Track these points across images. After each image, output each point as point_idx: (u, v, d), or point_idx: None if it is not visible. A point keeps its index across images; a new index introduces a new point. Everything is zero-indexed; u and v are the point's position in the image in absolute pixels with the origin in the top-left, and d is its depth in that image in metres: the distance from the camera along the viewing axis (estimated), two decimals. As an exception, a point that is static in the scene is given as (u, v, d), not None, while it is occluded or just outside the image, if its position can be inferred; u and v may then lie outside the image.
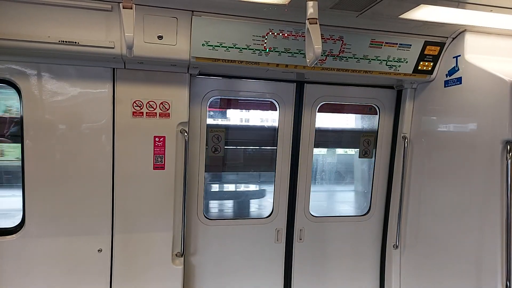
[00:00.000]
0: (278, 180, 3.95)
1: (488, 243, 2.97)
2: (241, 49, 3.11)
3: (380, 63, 3.41)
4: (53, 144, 3.14)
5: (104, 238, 3.33)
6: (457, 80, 3.31)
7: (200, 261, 3.84)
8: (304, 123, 3.89)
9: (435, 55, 3.46)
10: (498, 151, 2.86)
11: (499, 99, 2.87)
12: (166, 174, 3.38)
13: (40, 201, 3.17)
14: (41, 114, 3.09)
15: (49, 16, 2.74)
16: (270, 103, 3.95)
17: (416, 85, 3.81)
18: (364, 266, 4.29)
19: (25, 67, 3.02)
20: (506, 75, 2.86)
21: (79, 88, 3.13)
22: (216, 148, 3.84)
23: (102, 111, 3.19)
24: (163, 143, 3.34)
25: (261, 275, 4.04)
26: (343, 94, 3.99)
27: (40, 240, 3.21)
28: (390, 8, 2.82)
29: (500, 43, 3.28)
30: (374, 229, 4.25)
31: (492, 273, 2.94)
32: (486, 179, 2.98)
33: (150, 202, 3.40)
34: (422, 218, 3.74)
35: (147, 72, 3.24)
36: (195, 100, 3.56)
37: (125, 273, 3.42)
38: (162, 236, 3.46)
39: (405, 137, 3.87)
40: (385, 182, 4.19)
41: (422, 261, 3.72)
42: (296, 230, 4.05)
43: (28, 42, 2.74)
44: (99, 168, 3.24)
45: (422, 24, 3.12)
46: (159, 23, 2.91)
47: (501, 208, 2.86)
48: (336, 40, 3.20)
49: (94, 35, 2.85)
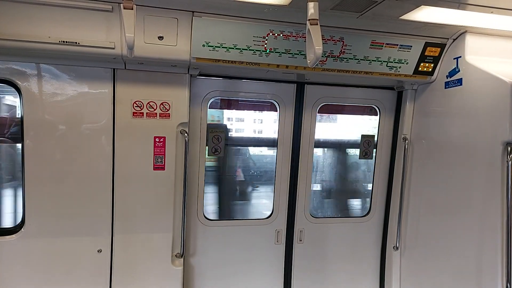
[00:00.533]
0: (278, 181, 3.94)
1: (489, 245, 2.97)
2: (242, 49, 3.11)
3: (380, 64, 3.41)
4: (53, 144, 3.14)
5: (104, 238, 3.33)
6: (457, 82, 3.31)
7: (200, 262, 3.83)
8: (304, 124, 3.89)
9: (435, 56, 3.46)
10: (498, 153, 2.86)
11: (500, 101, 2.86)
12: (166, 175, 3.37)
13: (40, 202, 3.17)
14: (42, 114, 3.09)
15: (50, 16, 2.74)
16: (270, 103, 3.95)
17: (416, 86, 3.81)
18: (364, 268, 4.28)
19: (25, 67, 3.02)
20: (507, 77, 2.86)
21: (79, 89, 3.13)
22: (216, 148, 3.83)
23: (102, 111, 3.19)
24: (163, 144, 3.33)
25: (261, 276, 4.03)
26: (343, 95, 3.99)
27: (40, 240, 3.21)
28: (390, 9, 2.82)
29: (500, 44, 3.28)
30: (374, 230, 4.24)
31: (492, 275, 2.93)
32: (487, 180, 2.98)
33: (150, 203, 3.40)
34: (422, 219, 3.73)
35: (147, 72, 3.23)
36: (195, 101, 3.56)
37: (124, 274, 3.42)
38: (162, 237, 3.46)
39: (406, 139, 3.87)
40: (386, 183, 4.19)
41: (423, 262, 3.72)
42: (296, 231, 4.05)
43: (29, 42, 2.74)
44: (99, 169, 3.24)
45: (423, 25, 3.12)
46: (160, 24, 2.91)
47: (501, 210, 2.86)
48: (336, 41, 3.20)
49: (94, 35, 2.85)
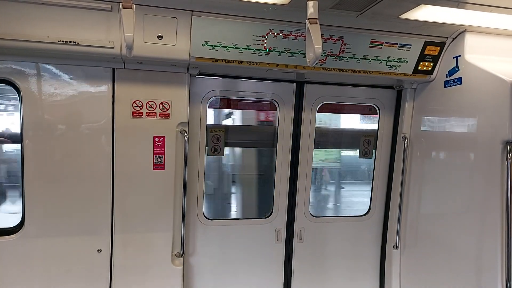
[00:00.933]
0: (278, 180, 3.94)
1: (488, 243, 2.97)
2: (241, 49, 3.11)
3: (380, 63, 3.41)
4: (52, 144, 3.14)
5: (103, 238, 3.33)
6: (457, 80, 3.31)
7: (200, 261, 3.83)
8: (304, 123, 3.89)
9: (435, 55, 3.45)
10: (498, 152, 2.86)
11: (499, 100, 2.87)
12: (166, 174, 3.37)
13: (40, 201, 3.16)
14: (41, 114, 3.08)
15: (49, 16, 2.74)
16: (270, 103, 3.95)
17: (416, 85, 3.81)
18: (364, 266, 4.29)
19: (24, 67, 3.02)
20: (506, 75, 2.86)
21: (78, 88, 3.13)
22: (215, 148, 3.83)
23: (102, 111, 3.19)
24: (162, 143, 3.33)
25: (261, 275, 4.03)
26: (343, 94, 3.99)
27: (40, 240, 3.21)
28: (390, 8, 2.81)
29: (500, 43, 3.28)
30: (374, 229, 4.24)
31: (492, 273, 2.94)
32: (486, 179, 2.98)
33: (150, 202, 3.40)
34: (422, 218, 3.73)
35: (147, 72, 3.23)
36: (195, 100, 3.56)
37: (124, 273, 3.42)
38: (162, 236, 3.46)
39: (405, 137, 3.87)
40: (385, 182, 4.19)
41: (422, 261, 3.72)
42: (296, 230, 4.05)
43: (28, 42, 2.74)
44: (99, 168, 3.24)
45: (422, 24, 3.11)
46: (159, 23, 2.91)
47: (501, 208, 2.86)
48: (336, 40, 3.20)
49: (93, 35, 2.84)
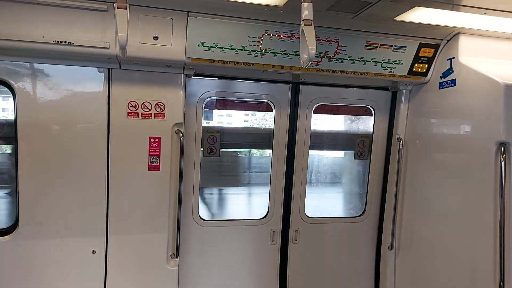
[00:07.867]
0: (273, 181, 3.94)
1: (483, 244, 2.99)
2: (237, 50, 3.11)
3: (375, 65, 3.42)
4: (47, 145, 3.12)
5: (98, 239, 3.31)
6: (451, 82, 3.33)
7: (195, 263, 3.82)
8: (299, 125, 3.89)
9: (429, 57, 3.48)
10: (492, 153, 2.88)
11: (493, 101, 2.88)
12: (161, 175, 3.36)
13: (34, 202, 3.15)
14: (36, 115, 3.06)
15: (44, 16, 2.73)
16: (265, 104, 3.95)
17: (411, 87, 3.83)
18: (359, 267, 4.29)
19: (19, 67, 3.00)
20: (500, 77, 2.87)
21: (74, 89, 3.11)
22: (211, 149, 3.83)
23: (97, 111, 3.18)
24: (158, 144, 3.32)
25: (256, 276, 4.03)
26: (338, 95, 4.00)
27: (34, 241, 3.19)
28: (385, 10, 2.83)
29: (494, 45, 3.30)
30: (369, 230, 4.25)
31: (486, 275, 2.95)
32: (481, 180, 3.00)
33: (145, 203, 3.38)
34: (417, 219, 3.75)
35: (142, 72, 3.22)
36: (190, 101, 3.56)
37: (119, 275, 3.40)
38: (157, 238, 3.45)
39: (400, 139, 3.88)
40: (380, 183, 4.20)
41: (417, 262, 3.73)
42: (292, 231, 4.05)
43: (23, 42, 2.73)
44: (94, 169, 3.23)
45: (417, 26, 3.13)
46: (155, 24, 2.91)
47: (495, 210, 2.87)
48: (331, 42, 3.21)
49: (89, 35, 2.83)
